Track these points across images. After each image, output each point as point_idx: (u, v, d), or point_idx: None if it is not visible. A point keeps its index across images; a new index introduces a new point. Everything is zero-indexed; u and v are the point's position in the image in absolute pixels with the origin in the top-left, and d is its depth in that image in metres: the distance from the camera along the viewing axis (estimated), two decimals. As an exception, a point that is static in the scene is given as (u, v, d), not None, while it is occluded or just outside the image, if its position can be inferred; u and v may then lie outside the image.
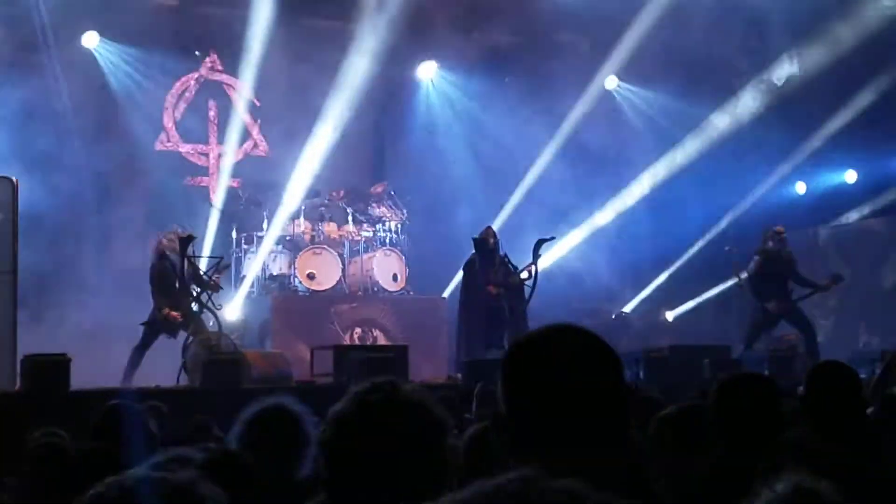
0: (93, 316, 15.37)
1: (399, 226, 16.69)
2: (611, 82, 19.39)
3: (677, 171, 18.78)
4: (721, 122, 18.34)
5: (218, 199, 17.26)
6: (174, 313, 13.02)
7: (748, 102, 18.00)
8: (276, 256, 16.09)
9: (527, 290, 14.60)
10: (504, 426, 2.10)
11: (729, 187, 18.55)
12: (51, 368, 10.81)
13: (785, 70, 17.54)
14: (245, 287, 16.08)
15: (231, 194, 17.25)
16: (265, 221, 16.10)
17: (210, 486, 1.87)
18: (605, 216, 18.90)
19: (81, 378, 11.38)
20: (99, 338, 14.49)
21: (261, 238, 16.05)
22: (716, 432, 3.76)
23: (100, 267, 16.08)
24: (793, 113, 17.77)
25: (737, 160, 18.47)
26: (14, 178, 12.54)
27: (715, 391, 3.86)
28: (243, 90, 17.80)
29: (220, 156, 17.80)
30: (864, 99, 16.86)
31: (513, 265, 14.66)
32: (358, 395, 2.36)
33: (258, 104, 17.82)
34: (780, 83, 17.58)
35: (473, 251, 14.98)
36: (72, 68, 16.33)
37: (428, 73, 19.01)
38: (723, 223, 18.41)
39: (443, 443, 2.35)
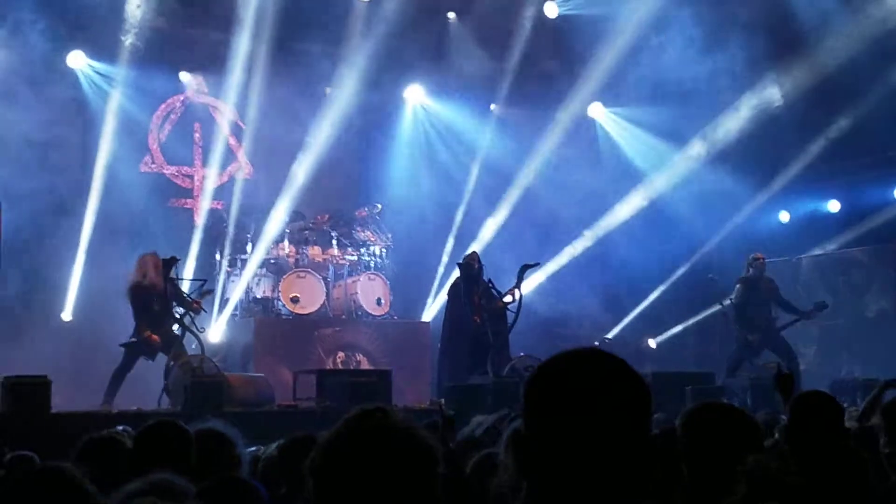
0: (75, 338, 15.32)
1: (384, 250, 16.68)
2: (594, 109, 19.46)
3: (660, 198, 18.83)
4: (704, 149, 18.40)
5: (201, 221, 17.27)
6: (154, 336, 12.97)
7: (731, 130, 18.06)
8: (259, 279, 16.06)
9: (510, 316, 14.59)
10: (523, 447, 2.08)
11: (712, 215, 18.61)
12: (31, 390, 10.74)
13: (767, 98, 17.60)
14: (228, 310, 16.05)
15: (215, 216, 17.23)
16: (249, 244, 16.07)
17: None
18: (588, 242, 18.92)
19: (63, 401, 11.33)
20: (81, 359, 14.44)
21: (245, 261, 16.03)
22: (684, 462, 3.73)
23: (83, 288, 16.00)
24: (775, 141, 17.84)
25: (720, 188, 18.53)
26: (-2, 201, 12.51)
27: (682, 421, 3.83)
28: (228, 113, 17.80)
29: (204, 178, 17.78)
30: (845, 128, 16.92)
31: (497, 290, 14.65)
32: (348, 422, 2.34)
33: (243, 127, 17.81)
34: (762, 111, 17.62)
35: (458, 276, 14.99)
36: (57, 88, 16.30)
37: (414, 96, 19.04)
38: (706, 251, 18.44)
39: (433, 472, 2.34)
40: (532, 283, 16.64)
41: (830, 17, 16.44)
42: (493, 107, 19.13)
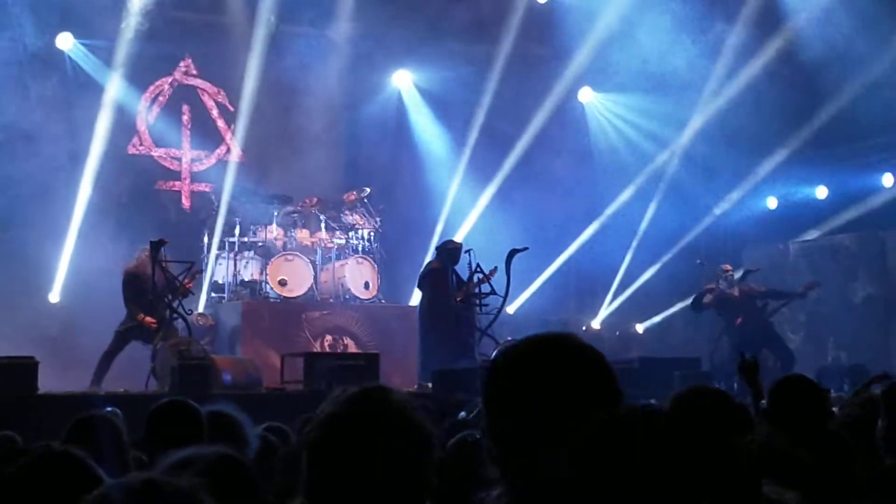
0: (63, 319, 15.30)
1: (372, 234, 16.67)
2: (585, 94, 19.43)
3: (650, 183, 18.86)
4: (692, 134, 18.43)
5: (189, 203, 17.29)
6: (150, 319, 13.00)
7: (718, 115, 18.09)
8: (247, 262, 16.03)
9: (499, 301, 14.60)
10: (490, 437, 2.07)
11: (700, 200, 18.65)
12: (18, 371, 10.73)
13: (754, 83, 17.59)
14: (216, 293, 16.05)
15: (203, 199, 17.21)
16: (237, 227, 16.05)
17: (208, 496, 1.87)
18: (577, 228, 18.93)
19: (49, 382, 11.32)
20: (68, 341, 14.43)
21: (233, 244, 16.00)
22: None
23: (70, 270, 15.97)
24: (763, 127, 17.87)
25: (708, 173, 18.57)
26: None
27: (670, 405, 3.83)
28: (217, 95, 17.76)
29: (192, 160, 17.75)
30: (832, 115, 16.95)
31: (483, 272, 14.65)
32: (349, 400, 2.33)
33: (231, 109, 17.77)
34: (749, 95, 17.61)
35: (437, 259, 14.96)
36: (44, 69, 16.23)
37: (403, 80, 19.01)
38: (694, 236, 18.46)
39: (429, 456, 2.33)
40: (521, 268, 16.56)
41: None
42: (482, 92, 19.10)
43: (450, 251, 14.84)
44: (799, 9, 16.72)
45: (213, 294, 16.15)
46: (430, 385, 13.32)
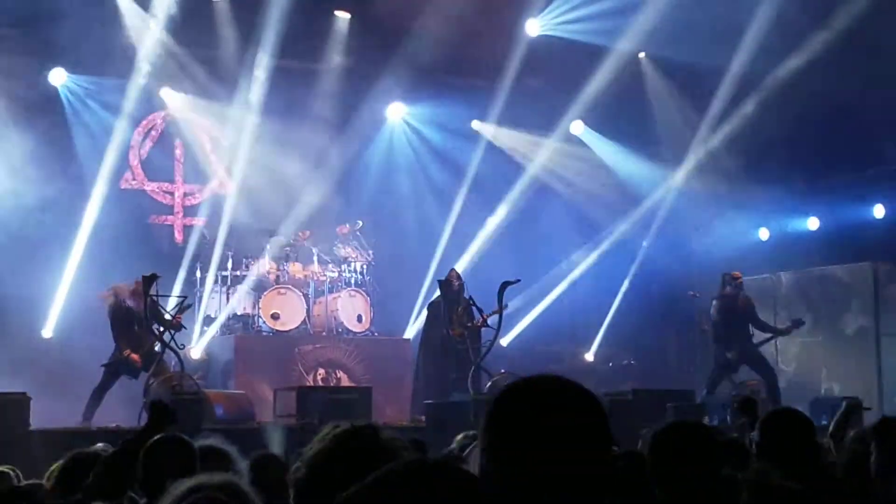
0: (55, 354, 15.25)
1: (364, 266, 16.67)
2: (577, 127, 19.45)
3: (644, 216, 18.89)
4: (686, 166, 18.48)
5: (181, 238, 17.30)
6: (135, 355, 12.97)
7: (712, 148, 18.14)
8: (240, 296, 16.02)
9: (490, 333, 14.59)
10: (487, 473, 2.06)
11: (693, 232, 18.68)
12: (10, 406, 10.71)
13: (746, 115, 17.64)
14: (212, 327, 16.02)
15: (196, 233, 17.21)
16: (230, 261, 16.05)
17: None
18: (570, 260, 18.95)
19: (42, 418, 11.30)
20: (61, 376, 14.38)
21: (226, 277, 16.00)
22: (653, 480, 3.72)
23: (63, 305, 15.94)
24: (756, 159, 17.92)
25: (700, 205, 18.60)
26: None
27: (650, 442, 3.82)
28: (210, 129, 17.79)
29: (185, 195, 17.76)
30: (826, 145, 17.02)
31: (478, 307, 14.66)
32: (337, 438, 2.33)
33: (224, 144, 17.79)
34: (741, 128, 17.65)
35: (438, 293, 15.02)
36: (37, 105, 16.25)
37: (396, 114, 19.06)
38: (686, 268, 18.47)
39: None
40: (515, 300, 16.54)
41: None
42: (476, 124, 19.15)
43: (441, 283, 14.88)
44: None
45: (205, 328, 16.13)
46: (422, 418, 13.30)
